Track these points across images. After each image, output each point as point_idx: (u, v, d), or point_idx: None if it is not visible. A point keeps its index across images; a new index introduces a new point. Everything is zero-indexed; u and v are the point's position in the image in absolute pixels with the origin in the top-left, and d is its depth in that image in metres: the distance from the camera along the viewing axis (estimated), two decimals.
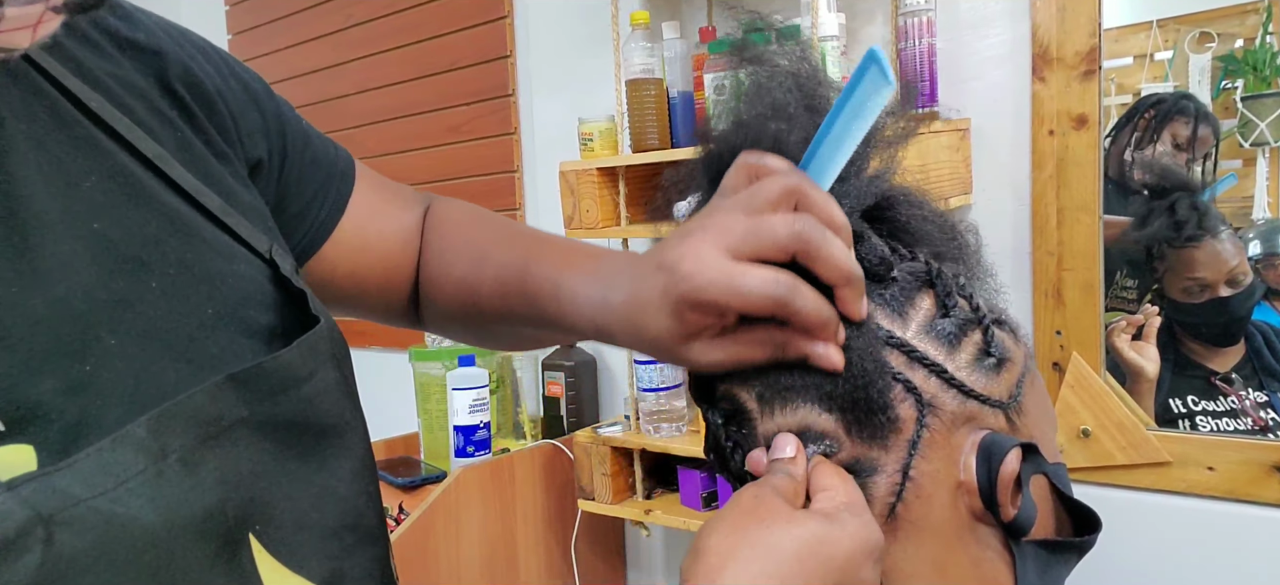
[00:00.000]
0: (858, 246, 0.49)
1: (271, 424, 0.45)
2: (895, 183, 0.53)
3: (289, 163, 0.61)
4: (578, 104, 1.85)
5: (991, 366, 0.49)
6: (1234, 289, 1.35)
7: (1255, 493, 1.26)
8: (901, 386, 0.47)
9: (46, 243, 0.41)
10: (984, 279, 0.54)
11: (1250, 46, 1.31)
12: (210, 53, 0.57)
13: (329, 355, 0.50)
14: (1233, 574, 1.28)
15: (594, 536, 1.88)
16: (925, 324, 0.49)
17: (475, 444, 1.70)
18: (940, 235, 0.53)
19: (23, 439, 0.37)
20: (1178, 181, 1.37)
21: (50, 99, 0.44)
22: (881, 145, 0.52)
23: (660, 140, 1.57)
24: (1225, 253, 1.36)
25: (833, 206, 0.46)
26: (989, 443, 0.47)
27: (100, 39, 0.49)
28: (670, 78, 1.58)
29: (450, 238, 0.67)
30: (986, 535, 0.48)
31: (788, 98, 0.50)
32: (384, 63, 2.27)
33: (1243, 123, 1.32)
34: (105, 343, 0.41)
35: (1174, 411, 1.38)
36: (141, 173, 0.47)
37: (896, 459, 0.47)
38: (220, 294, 0.47)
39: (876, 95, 0.45)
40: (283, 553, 0.45)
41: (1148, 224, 1.39)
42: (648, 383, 1.62)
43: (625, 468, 1.70)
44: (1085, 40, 1.29)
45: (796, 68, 0.52)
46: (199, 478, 0.41)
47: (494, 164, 2.09)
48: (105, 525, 0.37)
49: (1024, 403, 0.50)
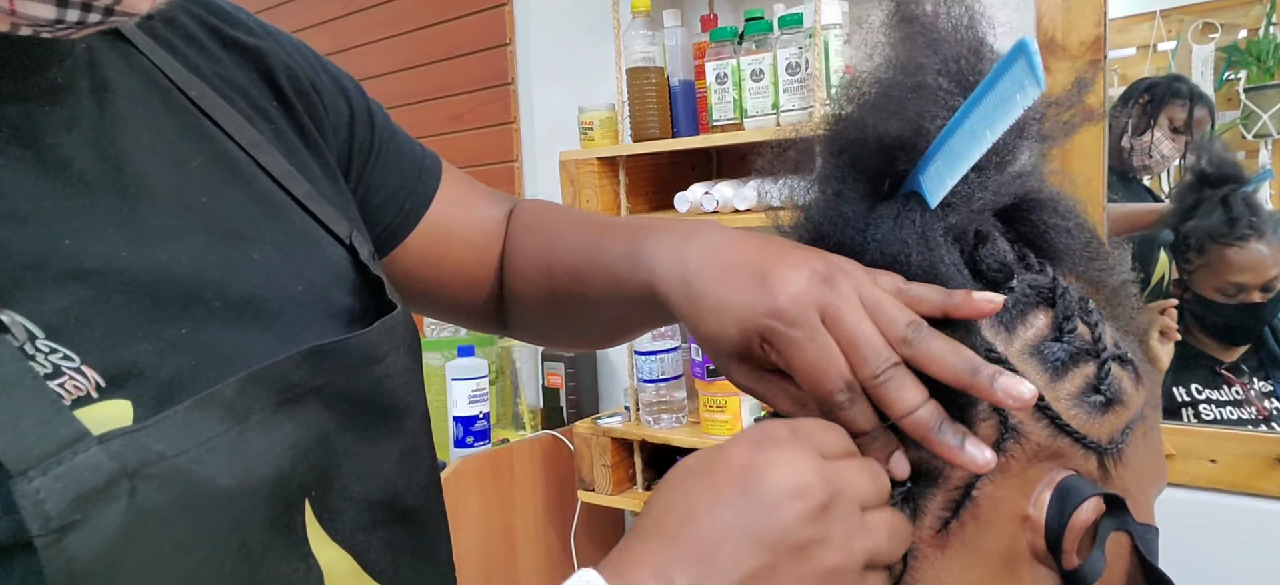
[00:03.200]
0: (979, 248, 0.45)
1: (340, 397, 0.48)
2: (1044, 184, 0.48)
3: (376, 155, 0.64)
4: (578, 93, 1.85)
5: (1098, 405, 0.45)
6: (1267, 296, 1.32)
7: (1258, 485, 1.25)
8: (988, 405, 0.43)
9: (154, 214, 0.44)
10: (1126, 316, 0.49)
11: (1254, 37, 1.31)
12: (304, 50, 0.61)
13: (403, 341, 0.53)
14: (1235, 567, 1.28)
15: (594, 527, 1.88)
16: (1033, 344, 0.45)
17: (474, 435, 1.70)
18: (1082, 254, 0.48)
19: (122, 395, 0.39)
20: (1233, 172, 1.32)
21: (162, 89, 0.49)
22: (1035, 138, 0.46)
23: (661, 129, 1.56)
24: (1267, 258, 1.31)
25: (953, 362, 0.41)
26: (1068, 485, 0.43)
27: (205, 38, 0.54)
28: (671, 66, 1.57)
29: (530, 226, 0.68)
30: (1042, 577, 0.45)
31: (939, 80, 0.44)
32: (383, 51, 2.26)
33: (1245, 114, 1.31)
34: (210, 304, 0.44)
35: (1177, 400, 1.37)
36: (241, 157, 0.51)
37: (962, 475, 0.44)
38: (309, 274, 0.50)
39: (1021, 93, 0.40)
40: (325, 520, 0.47)
41: (1197, 214, 1.33)
42: (648, 374, 1.61)
43: (625, 459, 1.70)
44: (1090, 30, 1.28)
45: (958, 36, 0.45)
46: (274, 441, 0.43)
47: (494, 153, 2.08)
48: (184, 483, 0.39)
49: (1127, 452, 0.46)
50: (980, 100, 0.41)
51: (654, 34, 1.55)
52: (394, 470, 0.52)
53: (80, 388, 0.38)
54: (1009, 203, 0.47)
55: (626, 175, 1.62)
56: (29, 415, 0.35)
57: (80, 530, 0.35)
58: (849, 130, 0.47)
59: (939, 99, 0.44)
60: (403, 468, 0.52)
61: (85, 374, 0.38)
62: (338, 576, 0.48)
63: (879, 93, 0.45)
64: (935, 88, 0.44)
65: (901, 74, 0.45)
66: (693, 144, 1.51)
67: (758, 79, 1.42)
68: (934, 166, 0.44)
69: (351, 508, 0.49)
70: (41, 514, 0.34)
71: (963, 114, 0.42)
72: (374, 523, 0.50)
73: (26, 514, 0.34)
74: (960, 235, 0.46)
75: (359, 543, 0.49)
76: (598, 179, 1.60)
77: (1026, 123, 0.45)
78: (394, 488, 0.52)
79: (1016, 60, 0.40)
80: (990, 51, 0.45)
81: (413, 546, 0.53)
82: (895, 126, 0.44)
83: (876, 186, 0.47)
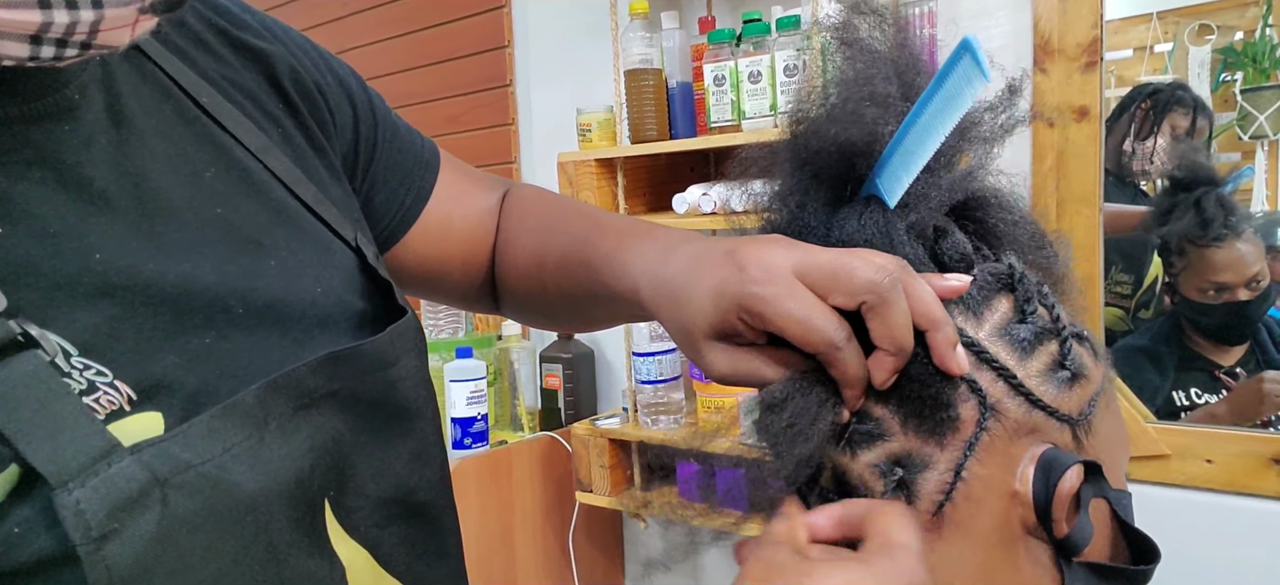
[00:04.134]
0: (939, 242, 0.48)
1: (355, 400, 0.50)
2: (987, 183, 0.51)
3: (379, 151, 0.65)
4: (576, 94, 1.85)
5: (1064, 380, 0.47)
6: (1252, 292, 1.33)
7: (1254, 485, 1.26)
8: (966, 386, 0.45)
9: (173, 227, 0.45)
10: (1068, 296, 0.52)
11: (1250, 39, 1.31)
12: (308, 48, 0.62)
13: (413, 344, 0.55)
14: (1231, 566, 1.28)
15: (592, 528, 1.88)
16: (1000, 326, 0.47)
17: (473, 436, 1.70)
18: (1029, 243, 0.51)
19: (153, 407, 0.41)
20: (1205, 175, 1.34)
21: (174, 97, 0.49)
22: (976, 140, 0.50)
23: (659, 131, 1.57)
24: (1248, 256, 1.33)
25: (932, 302, 0.45)
26: (1050, 456, 0.46)
27: (213, 40, 0.54)
28: (669, 68, 1.58)
29: (523, 217, 0.70)
30: (1036, 549, 0.47)
31: (888, 88, 0.47)
32: (382, 52, 2.26)
33: (1241, 115, 1.31)
34: (233, 313, 0.45)
35: (1177, 404, 1.38)
36: (252, 164, 0.51)
37: (950, 458, 0.45)
38: (324, 280, 0.51)
39: (969, 87, 0.43)
40: (343, 517, 0.49)
41: (1171, 218, 1.36)
42: (646, 375, 1.61)
43: (623, 460, 1.70)
44: (1087, 31, 1.29)
45: (896, 54, 0.49)
46: (293, 445, 0.45)
47: (492, 154, 2.08)
48: (212, 489, 0.40)
49: (1095, 423, 0.48)
50: (931, 99, 0.44)
51: (652, 36, 1.55)
52: (406, 469, 0.53)
53: (114, 402, 0.39)
54: (961, 199, 0.50)
55: (625, 177, 1.62)
56: (66, 430, 0.37)
57: (118, 539, 0.37)
58: (811, 142, 0.49)
59: (890, 105, 0.47)
60: (414, 466, 0.54)
61: (118, 388, 0.40)
62: (357, 572, 0.49)
63: (835, 103, 0.48)
64: (886, 94, 0.47)
65: (853, 87, 0.48)
66: (691, 146, 1.51)
67: (755, 81, 1.43)
68: (890, 167, 0.46)
69: (367, 506, 0.50)
70: (83, 524, 0.36)
71: (915, 114, 0.44)
72: (388, 519, 0.52)
73: (68, 524, 0.35)
74: (921, 231, 0.48)
75: (375, 539, 0.51)
76: (596, 180, 1.61)
77: (966, 127, 0.48)
78: (407, 485, 0.53)
79: (962, 57, 0.42)
80: (925, 65, 0.50)
81: (425, 541, 0.55)
82: (855, 133, 0.47)
83: (839, 193, 0.49)
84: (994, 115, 0.50)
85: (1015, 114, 0.50)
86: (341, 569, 0.48)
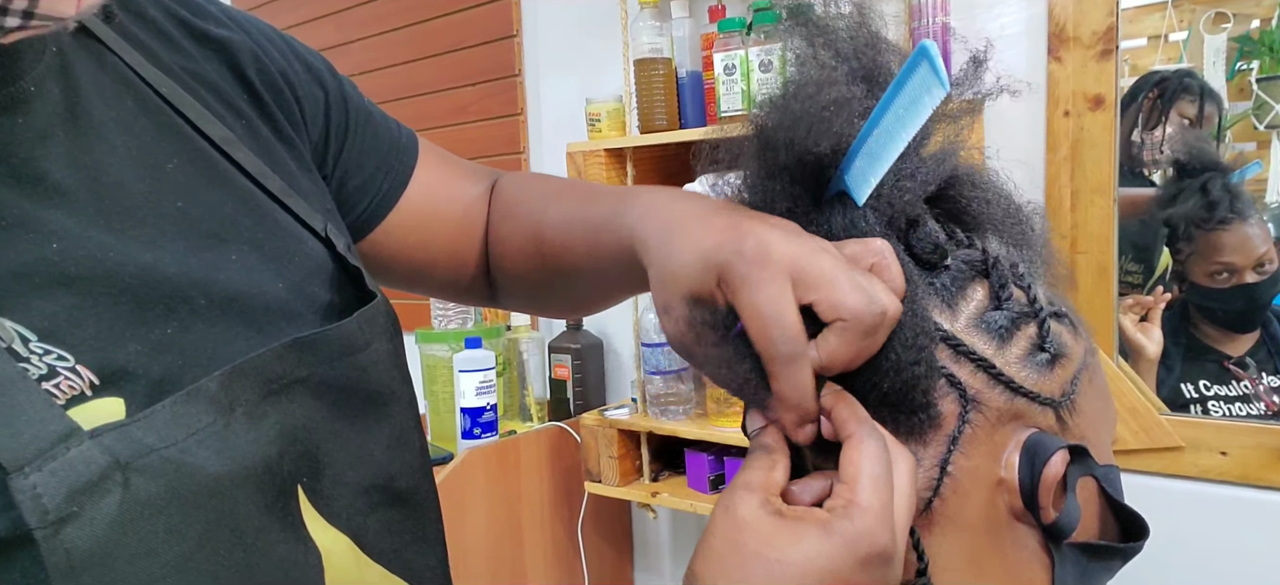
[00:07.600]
0: (912, 233, 0.47)
1: (326, 386, 0.49)
2: (959, 162, 0.50)
3: (351, 137, 0.64)
4: (585, 84, 1.84)
5: (1044, 362, 0.47)
6: (1260, 275, 1.33)
7: (1268, 477, 1.25)
8: (945, 381, 0.45)
9: (133, 220, 0.45)
10: (1049, 266, 0.52)
11: (1266, 28, 1.29)
12: (274, 38, 0.60)
13: (383, 329, 0.54)
14: (1245, 559, 1.27)
15: (600, 519, 1.88)
16: (976, 316, 0.47)
17: (482, 426, 1.70)
18: (1003, 218, 0.50)
19: (115, 393, 0.41)
20: (1210, 161, 1.34)
21: (135, 90, 0.49)
22: (945, 119, 0.49)
23: (669, 121, 1.56)
24: (1255, 238, 1.33)
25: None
26: (1034, 442, 0.45)
27: (174, 32, 0.54)
28: (679, 58, 1.57)
29: (517, 198, 0.68)
30: (1024, 535, 0.46)
31: (852, 90, 0.46)
32: (390, 43, 2.26)
33: (1258, 105, 1.30)
34: (195, 304, 0.45)
35: (1186, 396, 1.37)
36: (216, 156, 0.51)
37: (935, 454, 0.45)
38: (288, 271, 0.51)
39: (928, 95, 0.41)
40: (320, 504, 0.48)
41: (1177, 203, 1.35)
42: (655, 366, 1.61)
43: (632, 450, 1.70)
44: (1103, 19, 1.27)
45: (854, 45, 0.48)
46: (261, 431, 0.45)
47: (500, 145, 2.08)
48: (174, 473, 0.40)
49: (1078, 401, 0.48)
50: (891, 103, 0.42)
51: (661, 25, 1.54)
52: (385, 455, 0.53)
53: (74, 387, 0.39)
54: (933, 187, 0.49)
55: (634, 167, 1.61)
56: (23, 415, 0.36)
57: (77, 522, 0.37)
58: (779, 154, 0.47)
59: (855, 106, 0.45)
60: (394, 452, 0.54)
61: (79, 373, 0.39)
62: (336, 558, 0.49)
63: (801, 110, 0.46)
64: (850, 96, 0.45)
65: (817, 90, 0.45)
66: (701, 135, 1.50)
67: (766, 70, 1.42)
68: (857, 166, 0.45)
69: (347, 492, 0.50)
70: (39, 508, 0.36)
71: (877, 116, 0.43)
72: (370, 506, 0.52)
73: (25, 509, 0.35)
74: (893, 223, 0.47)
75: (357, 525, 0.51)
76: (605, 171, 1.60)
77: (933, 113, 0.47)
78: (387, 472, 0.53)
79: (919, 65, 0.41)
80: (887, 45, 0.48)
81: (409, 528, 0.55)
82: (824, 144, 0.45)
83: (808, 189, 0.48)
84: (959, 91, 0.49)
85: (981, 89, 0.49)
86: (318, 555, 0.48)
